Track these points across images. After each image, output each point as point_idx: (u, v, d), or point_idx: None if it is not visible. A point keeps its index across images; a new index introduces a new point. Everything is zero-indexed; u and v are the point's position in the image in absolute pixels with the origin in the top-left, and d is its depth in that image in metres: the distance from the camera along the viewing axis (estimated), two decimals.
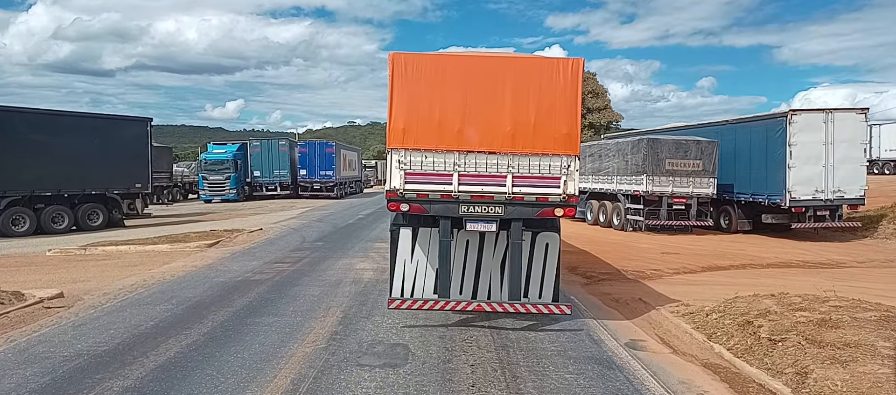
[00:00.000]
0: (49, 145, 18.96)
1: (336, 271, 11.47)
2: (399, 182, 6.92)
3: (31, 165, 18.62)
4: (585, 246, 16.21)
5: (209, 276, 10.84)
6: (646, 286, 10.62)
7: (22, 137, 18.45)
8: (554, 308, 7.31)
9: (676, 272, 12.25)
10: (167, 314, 8.01)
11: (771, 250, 15.74)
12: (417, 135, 6.88)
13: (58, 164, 19.22)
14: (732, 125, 20.54)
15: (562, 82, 6.88)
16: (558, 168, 6.92)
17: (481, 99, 6.90)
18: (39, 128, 18.95)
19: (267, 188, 39.44)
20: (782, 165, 17.63)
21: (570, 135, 6.90)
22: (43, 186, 18.94)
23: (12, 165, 18.24)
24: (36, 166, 18.71)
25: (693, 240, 18.11)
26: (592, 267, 12.57)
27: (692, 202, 19.67)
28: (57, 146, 19.18)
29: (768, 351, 6.16)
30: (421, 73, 6.91)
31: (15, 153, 18.29)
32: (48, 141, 18.97)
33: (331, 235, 17.83)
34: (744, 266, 13.08)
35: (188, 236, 16.17)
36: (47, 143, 18.93)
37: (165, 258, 12.94)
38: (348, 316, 7.99)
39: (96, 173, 20.42)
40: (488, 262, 7.68)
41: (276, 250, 14.28)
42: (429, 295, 7.48)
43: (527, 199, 6.94)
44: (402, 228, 7.53)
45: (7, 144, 18.15)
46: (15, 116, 18.89)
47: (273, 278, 10.60)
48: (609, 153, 22.03)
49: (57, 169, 19.23)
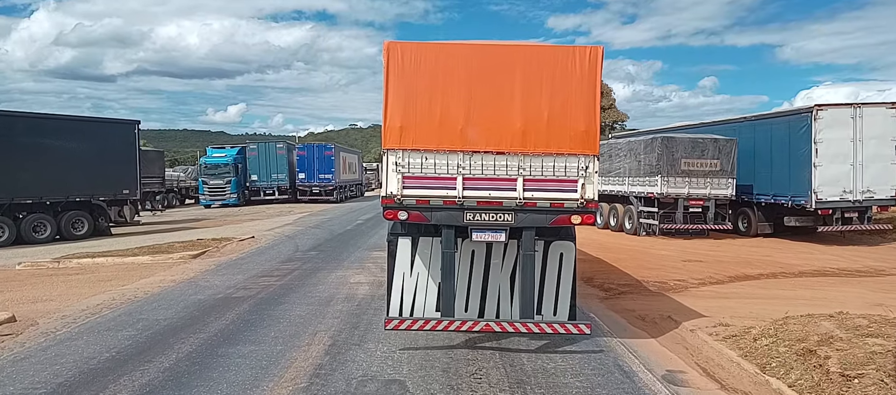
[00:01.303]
0: (30, 150, 17.93)
1: (328, 285, 10.40)
2: (396, 187, 6.18)
3: (11, 170, 17.55)
4: (598, 253, 15.11)
5: (187, 293, 9.76)
6: (672, 300, 9.52)
7: (0, 141, 17.42)
8: (572, 328, 6.44)
9: (702, 283, 11.14)
10: (128, 343, 6.94)
11: (799, 256, 14.62)
12: (416, 134, 6.15)
13: (39, 169, 18.15)
14: (752, 122, 19.41)
15: (579, 73, 6.13)
16: (575, 170, 6.19)
17: (488, 93, 6.17)
18: (19, 132, 17.90)
19: (265, 193, 38.42)
20: (807, 164, 16.51)
21: (589, 132, 6.15)
22: (23, 193, 17.85)
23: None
24: (16, 172, 17.64)
25: (712, 245, 16.99)
26: (609, 277, 11.48)
27: (709, 204, 18.55)
28: (38, 151, 18.15)
29: (842, 391, 5.06)
30: (420, 64, 6.18)
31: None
32: (29, 145, 17.94)
33: (326, 243, 16.75)
34: (775, 275, 11.96)
35: (172, 246, 15.11)
36: (28, 147, 17.90)
37: (144, 272, 11.88)
38: (337, 343, 6.91)
39: (81, 179, 19.37)
40: (496, 275, 6.87)
41: (266, 262, 13.21)
42: (430, 314, 6.69)
43: (540, 205, 6.19)
44: (400, 238, 6.77)
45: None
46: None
47: (257, 295, 9.52)
48: (620, 153, 20.92)
49: (38, 175, 18.15)
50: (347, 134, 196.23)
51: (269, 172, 38.34)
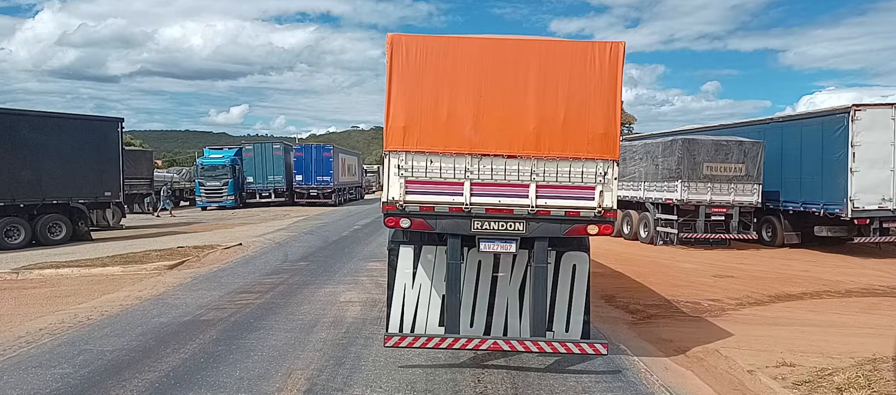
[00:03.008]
0: (3, 149, 16.64)
1: (314, 304, 9.06)
2: (398, 192, 5.74)
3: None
4: (616, 264, 13.77)
5: (149, 314, 8.44)
6: (713, 327, 8.17)
7: None
8: (587, 347, 5.90)
9: (740, 303, 9.79)
10: (57, 385, 5.61)
11: (838, 270, 13.26)
12: (421, 135, 5.72)
13: (13, 170, 16.86)
14: (779, 124, 18.05)
15: (598, 71, 5.68)
16: (592, 176, 5.74)
17: (499, 91, 5.74)
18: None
19: (261, 195, 37.16)
20: (843, 169, 15.15)
21: (608, 135, 5.70)
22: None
23: None
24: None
25: (739, 257, 15.62)
26: (634, 296, 10.14)
27: (733, 212, 17.20)
28: (12, 150, 16.85)
29: None
30: (426, 59, 5.74)
31: None
32: (2, 144, 16.66)
33: (318, 251, 15.41)
34: (819, 294, 10.60)
35: (148, 255, 13.77)
36: (1, 146, 16.62)
37: (109, 286, 10.55)
38: (316, 387, 5.58)
39: (59, 181, 18.06)
40: (504, 288, 6.40)
41: (248, 274, 11.87)
42: (433, 330, 6.20)
43: (554, 213, 5.77)
44: (402, 246, 6.29)
45: None
46: None
47: (230, 318, 8.19)
48: (635, 156, 19.57)
49: (12, 176, 16.86)
50: (349, 136, 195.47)
51: (266, 174, 37.09)
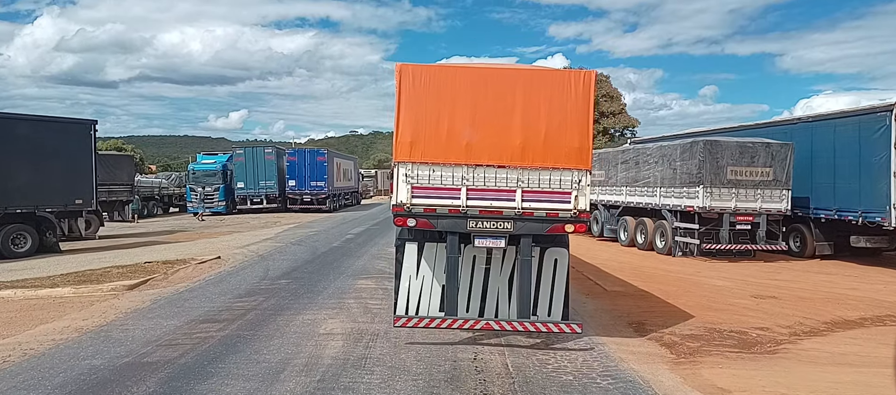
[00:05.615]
0: None
1: (287, 338, 7.51)
2: (406, 196, 6.73)
3: None
4: (637, 280, 12.24)
5: (83, 353, 6.88)
6: (775, 368, 6.64)
7: None
8: (564, 327, 7.01)
9: (794, 333, 8.26)
10: None
11: (890, 289, 11.76)
12: (425, 148, 6.70)
13: None
14: (809, 124, 16.57)
15: (573, 95, 6.70)
16: (569, 183, 6.75)
17: (490, 112, 6.71)
18: None
19: (252, 201, 35.63)
20: (884, 173, 13.72)
21: (582, 149, 6.70)
22: None
23: None
24: None
25: (771, 271, 14.11)
26: (667, 322, 8.61)
27: (760, 220, 15.69)
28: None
29: None
30: (428, 85, 6.74)
31: None
32: None
33: (304, 266, 13.85)
34: (882, 320, 9.10)
35: (109, 272, 12.17)
36: None
37: (52, 312, 9.00)
38: None
39: (23, 188, 16.63)
40: (496, 278, 7.41)
41: (218, 296, 10.31)
42: (435, 313, 7.23)
43: (537, 214, 6.76)
44: (407, 243, 7.33)
45: None
46: None
47: (180, 359, 6.64)
48: (650, 160, 18.07)
49: None
50: (348, 141, 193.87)
51: (257, 179, 35.59)
